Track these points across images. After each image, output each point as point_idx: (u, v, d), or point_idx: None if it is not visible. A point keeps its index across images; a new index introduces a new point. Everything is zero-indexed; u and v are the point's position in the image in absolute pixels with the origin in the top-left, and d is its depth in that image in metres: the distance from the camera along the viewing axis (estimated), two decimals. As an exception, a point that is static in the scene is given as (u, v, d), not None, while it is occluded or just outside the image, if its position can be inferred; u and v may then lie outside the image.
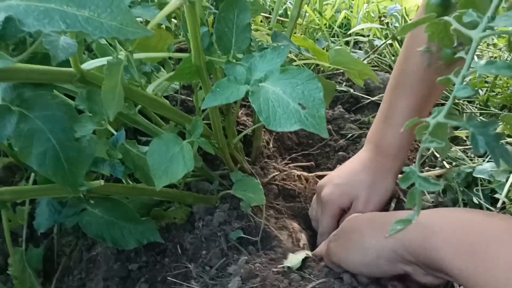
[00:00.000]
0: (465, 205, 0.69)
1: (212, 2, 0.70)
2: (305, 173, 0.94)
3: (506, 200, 0.65)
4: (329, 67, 1.10)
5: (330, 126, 1.05)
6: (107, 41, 0.60)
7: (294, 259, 0.67)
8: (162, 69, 0.96)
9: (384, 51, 1.15)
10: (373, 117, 1.04)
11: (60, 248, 0.94)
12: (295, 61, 1.01)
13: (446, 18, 0.40)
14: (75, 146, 0.52)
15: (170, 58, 0.66)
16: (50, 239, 0.95)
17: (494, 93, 0.90)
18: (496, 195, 0.67)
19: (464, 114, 0.35)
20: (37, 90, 0.51)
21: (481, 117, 0.88)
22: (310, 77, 0.51)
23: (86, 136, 0.54)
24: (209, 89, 0.56)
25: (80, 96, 0.66)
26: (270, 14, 1.22)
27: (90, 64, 0.56)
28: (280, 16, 1.26)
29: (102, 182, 0.62)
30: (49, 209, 0.67)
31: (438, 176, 0.78)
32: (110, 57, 0.55)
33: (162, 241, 0.73)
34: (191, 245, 0.78)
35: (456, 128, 0.84)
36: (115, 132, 0.68)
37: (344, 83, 1.11)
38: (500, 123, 0.75)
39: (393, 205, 0.78)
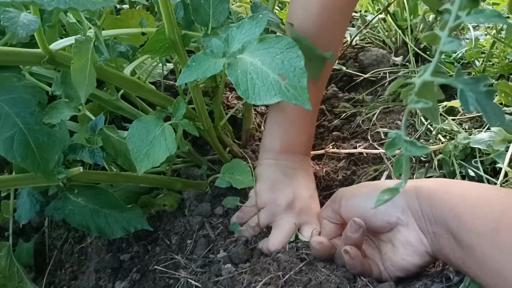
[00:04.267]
0: (463, 178, 0.66)
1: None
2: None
3: (508, 169, 0.61)
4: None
5: (323, 106, 1.02)
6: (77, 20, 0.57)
7: None
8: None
9: (377, 26, 1.11)
10: (367, 94, 1.01)
11: (51, 242, 0.92)
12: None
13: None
14: (45, 130, 0.49)
15: (143, 34, 0.63)
16: (41, 233, 0.93)
17: (491, 63, 0.87)
18: (497, 166, 0.63)
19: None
20: (2, 73, 0.48)
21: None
22: (290, 45, 0.47)
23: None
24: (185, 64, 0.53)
25: (55, 81, 0.63)
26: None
27: (58, 44, 0.53)
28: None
29: (81, 168, 0.59)
30: (30, 200, 0.65)
31: (434, 152, 0.75)
32: (79, 35, 0.52)
33: (150, 229, 0.70)
34: (178, 234, 0.76)
35: (451, 98, 0.81)
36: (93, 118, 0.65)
37: (337, 61, 1.08)
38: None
39: None
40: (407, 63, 0.99)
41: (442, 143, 0.73)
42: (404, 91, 0.36)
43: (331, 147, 0.91)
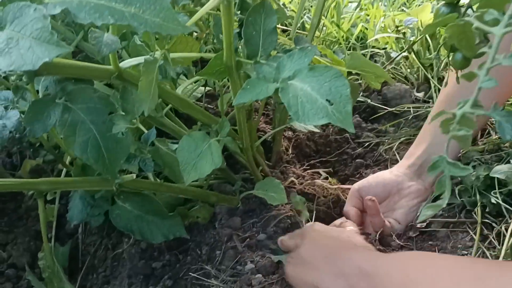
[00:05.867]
0: (484, 207, 0.71)
1: (238, 8, 0.73)
2: (324, 183, 0.96)
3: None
4: (348, 77, 1.14)
5: (347, 135, 1.08)
6: (142, 42, 0.64)
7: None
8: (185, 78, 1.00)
9: (400, 63, 1.18)
10: (391, 126, 1.06)
11: (85, 248, 0.96)
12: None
13: (466, 18, 0.43)
14: (114, 137, 0.55)
15: (194, 65, 0.69)
16: (75, 239, 0.98)
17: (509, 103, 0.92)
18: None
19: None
20: (79, 84, 0.55)
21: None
22: (337, 74, 0.53)
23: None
24: (238, 88, 0.59)
25: (113, 96, 0.70)
26: (287, 26, 1.26)
27: (127, 62, 0.60)
28: (298, 29, 1.30)
29: (134, 176, 0.65)
30: (82, 202, 0.70)
31: (456, 183, 0.80)
32: (147, 56, 0.58)
33: (187, 237, 0.75)
34: (208, 245, 0.80)
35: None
36: (145, 131, 0.72)
37: (361, 93, 1.14)
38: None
39: None
40: (429, 99, 1.05)
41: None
42: (444, 122, 0.42)
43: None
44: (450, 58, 0.57)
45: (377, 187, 0.80)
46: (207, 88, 1.08)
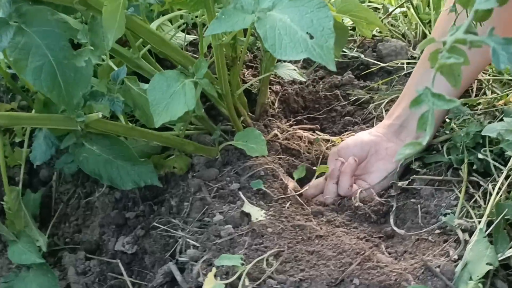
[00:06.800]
0: (471, 165, 0.67)
1: None
2: (309, 135, 0.92)
3: (516, 157, 0.62)
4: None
5: (338, 91, 1.03)
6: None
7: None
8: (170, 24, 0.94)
9: (399, 19, 1.12)
10: (383, 83, 1.01)
11: (58, 196, 0.93)
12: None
13: None
14: (73, 65, 0.50)
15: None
16: (48, 187, 0.94)
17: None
18: (506, 154, 0.64)
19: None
20: (36, 5, 0.49)
21: (493, 84, 0.85)
22: (320, 5, 0.48)
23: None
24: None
25: (82, 29, 0.64)
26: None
27: (92, -14, 0.54)
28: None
29: (100, 114, 0.60)
30: (46, 142, 0.66)
31: (444, 141, 0.75)
32: (114, -21, 0.53)
33: (160, 185, 0.71)
34: (177, 197, 0.77)
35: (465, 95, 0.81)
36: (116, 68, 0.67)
37: (355, 49, 1.08)
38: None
39: None
40: (425, 57, 1.00)
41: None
42: (433, 53, 0.37)
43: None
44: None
45: (354, 148, 0.77)
46: (192, 37, 1.02)
